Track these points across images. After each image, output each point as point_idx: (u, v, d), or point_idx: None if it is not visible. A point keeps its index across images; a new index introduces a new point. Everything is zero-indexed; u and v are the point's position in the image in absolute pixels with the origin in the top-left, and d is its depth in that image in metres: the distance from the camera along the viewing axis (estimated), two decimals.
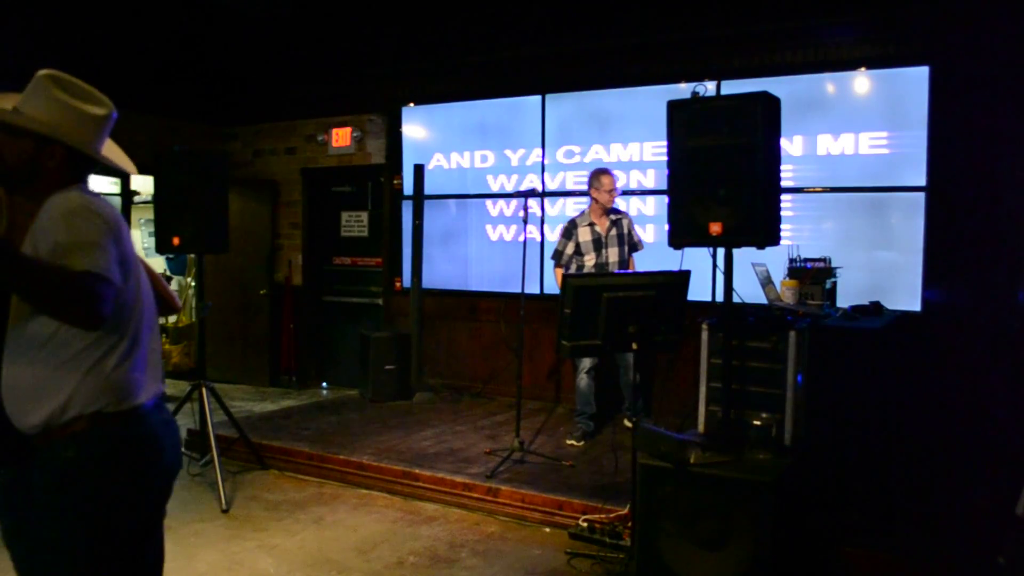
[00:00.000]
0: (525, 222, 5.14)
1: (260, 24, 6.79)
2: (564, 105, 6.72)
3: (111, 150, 2.09)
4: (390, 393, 6.87)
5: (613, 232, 5.39)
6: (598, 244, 5.39)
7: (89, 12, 6.13)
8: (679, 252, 3.61)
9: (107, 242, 1.77)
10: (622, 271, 5.34)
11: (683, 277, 3.70)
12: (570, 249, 5.42)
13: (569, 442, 5.37)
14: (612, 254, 5.38)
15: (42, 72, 1.91)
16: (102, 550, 1.87)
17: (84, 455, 1.83)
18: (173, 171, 5.04)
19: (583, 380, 5.46)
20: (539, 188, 6.67)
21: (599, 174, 5.37)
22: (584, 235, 5.41)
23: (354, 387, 7.42)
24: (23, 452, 1.90)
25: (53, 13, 6.07)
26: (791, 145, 5.67)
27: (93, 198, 1.86)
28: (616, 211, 5.46)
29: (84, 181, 1.99)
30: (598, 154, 6.53)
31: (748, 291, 4.00)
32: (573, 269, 5.41)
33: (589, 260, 5.39)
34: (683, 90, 5.62)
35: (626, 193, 6.27)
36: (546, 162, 6.78)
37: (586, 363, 5.44)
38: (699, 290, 4.48)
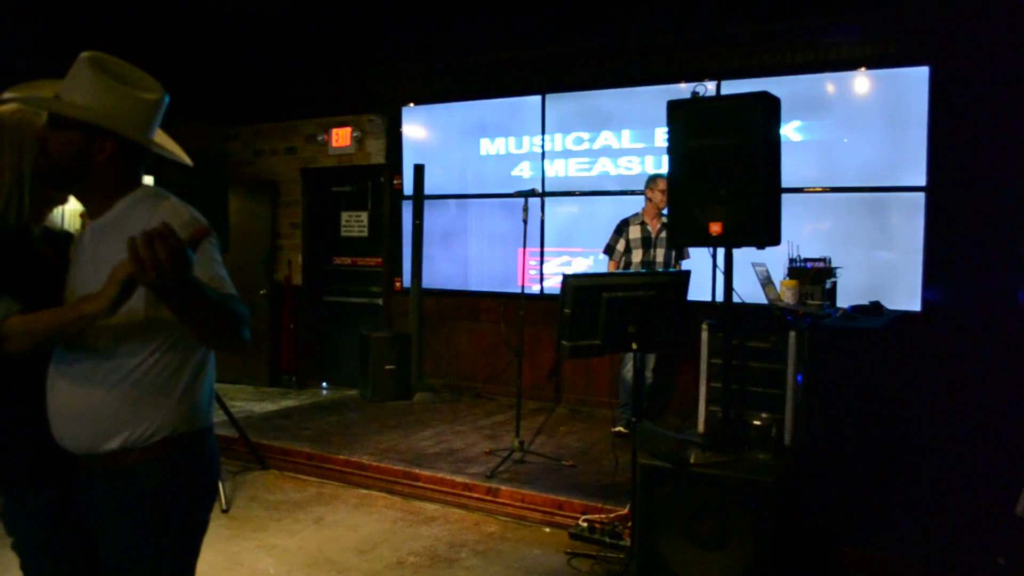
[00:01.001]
0: (525, 222, 5.15)
1: (260, 24, 6.79)
2: (564, 105, 6.72)
3: (163, 140, 1.90)
4: (390, 393, 6.87)
5: (664, 234, 5.47)
6: (647, 242, 5.50)
7: (88, 12, 6.12)
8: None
9: (220, 256, 1.72)
10: (624, 271, 5.37)
11: (683, 277, 3.70)
12: (621, 246, 5.58)
13: (615, 429, 5.50)
14: (659, 254, 5.49)
15: (85, 54, 1.70)
16: (187, 561, 1.86)
17: (174, 477, 1.76)
18: (173, 171, 5.02)
19: (629, 372, 5.51)
20: (539, 189, 6.67)
21: (656, 177, 5.52)
22: (634, 233, 5.55)
23: (354, 387, 7.42)
24: (64, 473, 1.82)
25: (52, 13, 6.07)
26: (791, 145, 5.67)
27: (184, 202, 1.75)
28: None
29: (140, 178, 1.81)
30: (600, 154, 6.53)
31: (748, 291, 3.99)
32: (622, 267, 5.56)
33: (636, 257, 5.52)
34: (683, 90, 5.62)
35: (624, 193, 6.28)
36: (546, 162, 6.78)
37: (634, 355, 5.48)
38: (699, 290, 4.48)
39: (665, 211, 5.46)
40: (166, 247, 1.34)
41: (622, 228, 5.62)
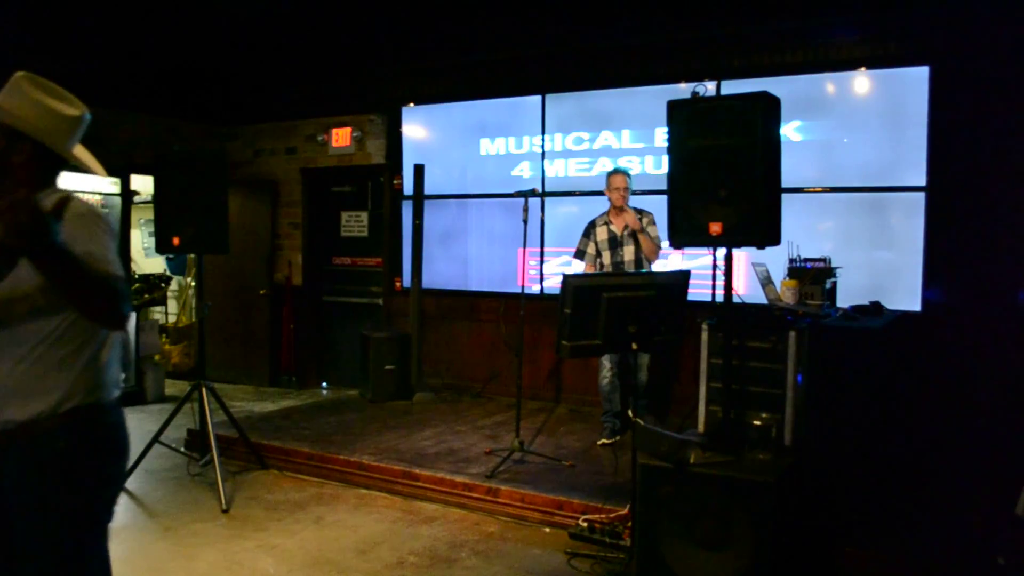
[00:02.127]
0: (525, 222, 5.15)
1: (260, 24, 6.79)
2: (564, 105, 6.72)
3: (82, 153, 2.13)
4: (390, 393, 6.87)
5: (629, 231, 5.40)
6: (614, 243, 5.43)
7: (89, 13, 6.12)
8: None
9: (113, 245, 1.92)
10: (630, 271, 5.35)
11: (683, 277, 3.70)
12: (591, 249, 5.50)
13: (600, 442, 5.40)
14: (628, 252, 5.40)
15: (19, 73, 1.96)
16: (92, 532, 1.99)
17: (78, 444, 1.93)
18: (173, 171, 5.03)
19: (605, 379, 5.48)
20: (539, 189, 6.66)
21: (610, 174, 5.45)
22: (601, 234, 5.47)
23: (354, 387, 7.42)
24: None
25: (53, 14, 6.06)
26: (791, 145, 5.67)
27: (89, 202, 1.97)
28: (638, 210, 5.44)
29: (54, 182, 2.03)
30: (600, 154, 6.53)
31: (748, 291, 3.99)
32: (596, 268, 5.49)
33: (606, 258, 5.45)
34: (683, 90, 5.62)
35: None
36: (546, 162, 6.78)
37: (606, 363, 5.46)
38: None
39: (633, 207, 5.39)
40: (26, 210, 1.54)
41: (589, 230, 5.52)
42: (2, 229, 1.55)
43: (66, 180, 2.13)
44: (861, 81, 5.58)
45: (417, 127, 7.48)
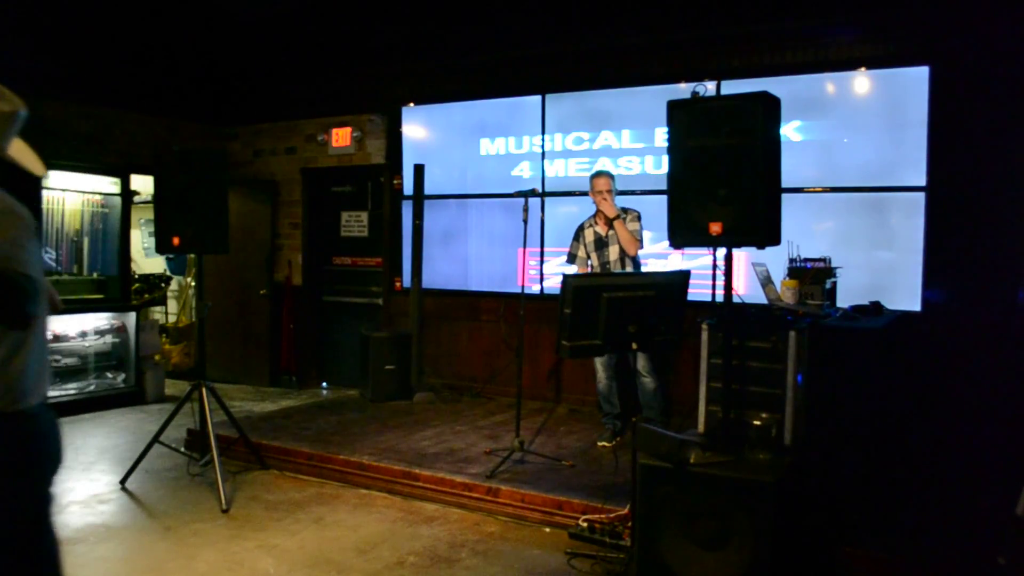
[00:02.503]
0: (525, 222, 5.15)
1: (260, 24, 6.80)
2: (564, 105, 6.72)
3: (20, 151, 2.08)
4: (390, 393, 6.87)
5: (613, 231, 5.41)
6: (600, 244, 5.46)
7: (90, 13, 6.13)
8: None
9: (30, 243, 1.83)
10: (621, 271, 5.35)
11: (683, 277, 3.70)
12: (582, 252, 5.53)
13: (600, 444, 5.38)
14: (613, 252, 5.43)
15: None
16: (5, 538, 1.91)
17: None
18: (173, 171, 5.03)
19: (602, 381, 5.50)
20: (539, 189, 6.66)
21: (592, 177, 5.48)
22: (589, 236, 5.51)
23: (354, 387, 7.42)
24: None
25: (54, 15, 6.07)
26: (791, 145, 5.67)
27: (11, 197, 1.89)
28: (624, 209, 5.46)
29: None
30: (600, 154, 6.53)
31: (748, 291, 3.99)
32: (587, 271, 5.51)
33: (594, 260, 5.49)
34: (683, 90, 5.62)
35: (624, 193, 6.27)
36: (546, 162, 6.78)
37: (600, 368, 5.46)
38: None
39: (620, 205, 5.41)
40: None
41: (578, 234, 5.56)
42: None
43: (65, 181, 2.12)
44: (861, 81, 5.58)
45: (417, 127, 7.48)
